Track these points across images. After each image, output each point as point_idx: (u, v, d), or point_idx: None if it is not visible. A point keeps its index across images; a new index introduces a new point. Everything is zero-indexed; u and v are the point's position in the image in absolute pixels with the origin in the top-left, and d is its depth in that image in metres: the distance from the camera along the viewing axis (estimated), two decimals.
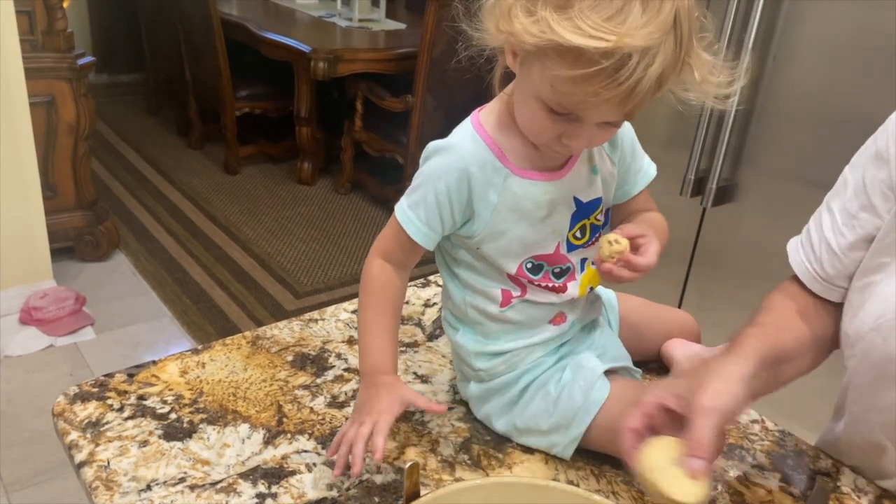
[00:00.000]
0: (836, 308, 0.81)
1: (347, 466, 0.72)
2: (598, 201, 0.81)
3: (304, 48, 3.10)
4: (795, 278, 0.84)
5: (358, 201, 3.48)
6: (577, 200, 0.79)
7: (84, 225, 2.64)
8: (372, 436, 0.72)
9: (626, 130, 0.82)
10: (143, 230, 3.05)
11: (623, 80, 0.61)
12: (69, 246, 2.64)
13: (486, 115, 0.78)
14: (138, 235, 3.00)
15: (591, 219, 0.81)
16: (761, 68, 1.63)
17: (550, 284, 0.80)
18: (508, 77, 0.74)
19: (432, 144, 0.77)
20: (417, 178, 0.77)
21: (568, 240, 0.80)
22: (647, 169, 0.86)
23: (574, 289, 0.82)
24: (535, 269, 0.79)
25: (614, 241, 0.72)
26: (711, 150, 1.74)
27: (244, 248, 2.98)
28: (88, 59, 2.46)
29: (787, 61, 1.59)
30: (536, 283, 0.80)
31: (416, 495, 0.58)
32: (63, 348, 2.27)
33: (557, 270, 0.80)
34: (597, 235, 0.82)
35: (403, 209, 0.77)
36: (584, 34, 0.60)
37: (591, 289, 0.84)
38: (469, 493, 0.60)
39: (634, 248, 0.74)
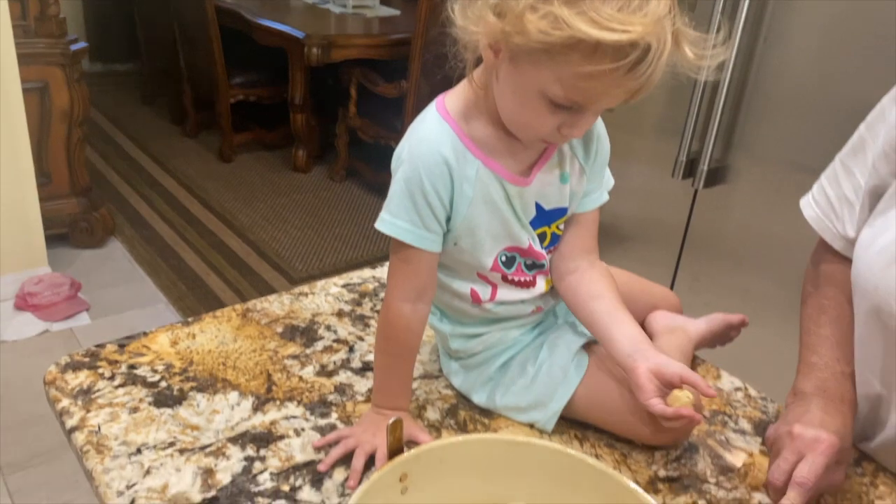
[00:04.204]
0: None
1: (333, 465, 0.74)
2: (562, 210, 0.79)
3: (298, 34, 3.10)
4: (822, 245, 0.85)
5: (353, 188, 3.48)
6: (538, 206, 0.77)
7: (79, 211, 2.65)
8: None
9: (605, 142, 0.80)
10: (139, 218, 3.06)
11: (643, 71, 0.60)
12: (64, 233, 2.65)
13: (451, 102, 0.74)
14: (133, 223, 3.00)
15: (552, 227, 0.80)
16: (752, 50, 1.64)
17: (521, 279, 0.80)
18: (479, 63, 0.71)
19: (401, 149, 0.73)
20: (395, 186, 0.73)
21: (538, 238, 0.79)
22: (606, 186, 0.83)
23: (542, 283, 0.82)
24: (509, 261, 0.79)
25: (684, 396, 0.70)
26: (703, 132, 1.74)
27: (239, 234, 2.99)
28: (82, 44, 2.46)
29: (778, 43, 1.60)
30: (509, 278, 0.80)
31: (400, 451, 0.59)
32: (59, 333, 2.28)
33: (529, 263, 0.80)
34: (556, 245, 0.82)
35: (391, 223, 0.73)
36: (602, 27, 0.57)
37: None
38: (451, 449, 0.61)
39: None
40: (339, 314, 1.00)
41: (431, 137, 0.72)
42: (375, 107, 3.23)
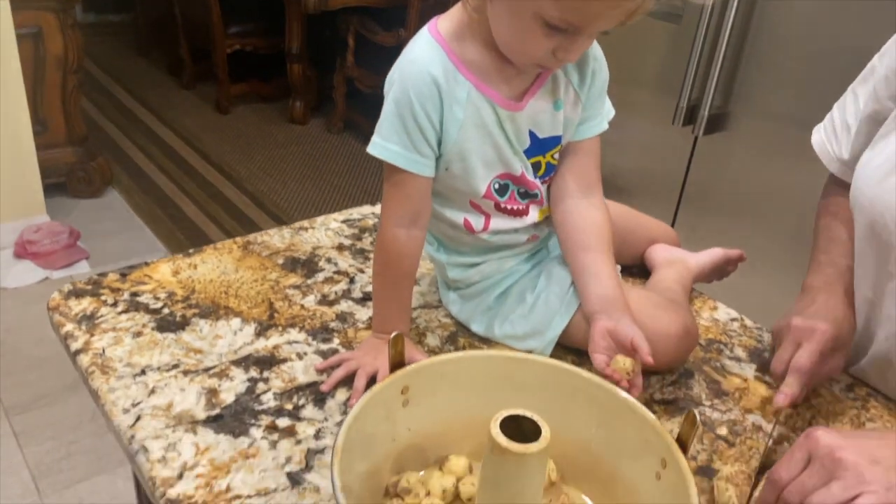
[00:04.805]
0: None
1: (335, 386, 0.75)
2: (556, 139, 0.79)
3: None
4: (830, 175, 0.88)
5: (351, 140, 3.46)
6: (532, 135, 0.77)
7: (76, 160, 2.63)
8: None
9: (602, 67, 0.79)
10: (136, 168, 3.04)
11: None
12: (62, 182, 2.64)
13: (444, 25, 0.73)
14: (131, 173, 2.99)
15: (547, 156, 0.79)
16: None
17: (514, 207, 0.80)
18: None
19: (393, 71, 0.73)
20: (386, 108, 0.72)
21: (532, 168, 0.79)
22: (606, 114, 0.82)
23: (535, 213, 0.82)
24: (502, 189, 0.79)
25: (621, 362, 0.71)
26: (704, 79, 1.73)
27: (237, 186, 2.98)
28: None
29: None
30: (502, 206, 0.79)
31: (401, 364, 0.60)
32: (59, 281, 2.29)
33: (522, 191, 0.80)
34: (552, 175, 0.81)
35: (382, 146, 0.73)
36: None
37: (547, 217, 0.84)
38: (451, 364, 0.62)
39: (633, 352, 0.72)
40: (340, 248, 1.00)
41: (422, 58, 0.71)
42: (373, 56, 3.19)
